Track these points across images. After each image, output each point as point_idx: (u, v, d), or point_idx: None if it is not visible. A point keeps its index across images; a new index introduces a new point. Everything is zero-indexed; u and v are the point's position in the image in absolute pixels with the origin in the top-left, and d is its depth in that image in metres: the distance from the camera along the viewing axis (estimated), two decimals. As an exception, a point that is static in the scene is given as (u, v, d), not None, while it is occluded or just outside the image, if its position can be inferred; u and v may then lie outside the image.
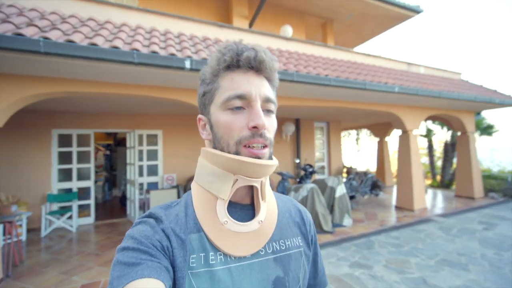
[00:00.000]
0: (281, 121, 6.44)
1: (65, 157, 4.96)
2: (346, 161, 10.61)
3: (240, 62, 0.46)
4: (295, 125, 6.73)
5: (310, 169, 5.69)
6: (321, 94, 4.15)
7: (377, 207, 5.82)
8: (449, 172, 8.58)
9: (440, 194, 7.39)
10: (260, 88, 0.47)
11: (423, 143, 9.97)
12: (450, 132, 8.72)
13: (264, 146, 0.46)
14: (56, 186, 4.84)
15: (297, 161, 6.11)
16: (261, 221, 0.51)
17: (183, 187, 5.71)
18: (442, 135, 9.45)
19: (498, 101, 5.70)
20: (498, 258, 3.23)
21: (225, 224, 0.47)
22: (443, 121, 7.49)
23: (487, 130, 8.30)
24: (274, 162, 0.48)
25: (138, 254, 0.40)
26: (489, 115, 8.91)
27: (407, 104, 5.31)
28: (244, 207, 0.52)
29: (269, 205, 0.54)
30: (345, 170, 8.15)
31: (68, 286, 2.66)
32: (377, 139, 9.43)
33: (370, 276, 2.85)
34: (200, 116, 0.54)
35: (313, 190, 4.30)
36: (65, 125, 4.94)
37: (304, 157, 6.73)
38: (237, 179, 0.46)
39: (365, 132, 13.58)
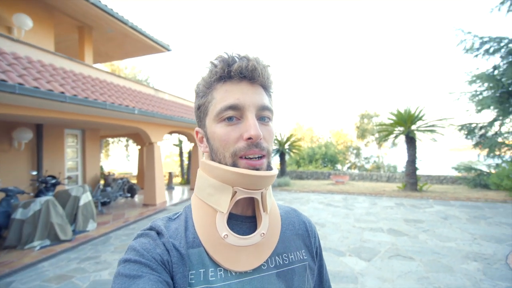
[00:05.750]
0: (11, 127, 5.36)
1: None
2: (110, 167, 10.61)
3: (232, 72, 0.46)
4: (36, 132, 5.89)
5: (53, 181, 5.35)
6: (61, 107, 4.25)
7: (128, 208, 6.74)
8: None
9: (184, 189, 9.92)
10: (254, 97, 0.47)
11: (176, 150, 12.66)
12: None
13: (262, 157, 0.46)
14: None
15: (34, 173, 5.44)
16: (263, 233, 0.49)
17: None
18: (189, 145, 12.62)
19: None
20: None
21: (225, 238, 0.46)
22: (183, 134, 10.17)
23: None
24: (273, 172, 0.48)
25: (140, 266, 0.40)
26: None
27: (152, 122, 6.77)
28: (246, 220, 0.51)
29: (272, 217, 0.53)
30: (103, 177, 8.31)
31: None
32: (138, 147, 10.53)
33: (96, 262, 3.57)
34: (197, 129, 0.55)
35: (48, 202, 4.24)
36: None
37: (46, 168, 6.07)
38: (236, 191, 0.46)
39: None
